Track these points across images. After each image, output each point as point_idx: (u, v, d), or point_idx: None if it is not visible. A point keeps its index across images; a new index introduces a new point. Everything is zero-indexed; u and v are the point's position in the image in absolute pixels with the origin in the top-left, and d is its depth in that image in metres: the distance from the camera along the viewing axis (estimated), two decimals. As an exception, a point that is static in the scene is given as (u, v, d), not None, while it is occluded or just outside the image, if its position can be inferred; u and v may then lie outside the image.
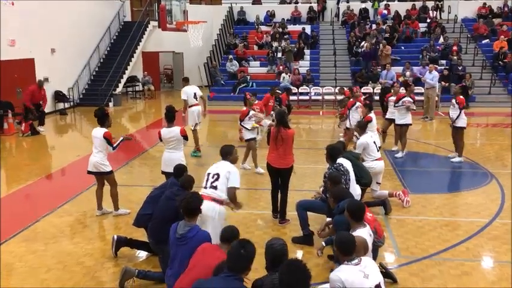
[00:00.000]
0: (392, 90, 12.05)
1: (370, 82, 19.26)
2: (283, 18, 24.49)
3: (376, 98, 17.24)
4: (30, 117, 14.32)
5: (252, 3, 26.26)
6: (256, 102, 11.04)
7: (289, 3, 26.15)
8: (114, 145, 7.22)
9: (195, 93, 11.39)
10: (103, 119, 7.25)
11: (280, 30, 23.35)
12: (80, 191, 8.65)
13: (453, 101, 10.62)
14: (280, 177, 6.99)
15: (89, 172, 7.41)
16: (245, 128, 9.79)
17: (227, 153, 5.69)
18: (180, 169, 5.87)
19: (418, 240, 6.45)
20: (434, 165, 10.77)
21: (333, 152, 6.42)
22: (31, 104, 14.48)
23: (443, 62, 20.31)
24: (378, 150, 7.92)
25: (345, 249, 3.96)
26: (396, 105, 11.10)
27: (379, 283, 3.88)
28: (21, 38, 15.88)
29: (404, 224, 7.07)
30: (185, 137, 7.30)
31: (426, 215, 7.40)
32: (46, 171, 10.53)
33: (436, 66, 19.50)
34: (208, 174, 5.54)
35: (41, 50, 17.09)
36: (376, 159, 7.82)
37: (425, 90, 16.30)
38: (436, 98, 16.83)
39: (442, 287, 5.24)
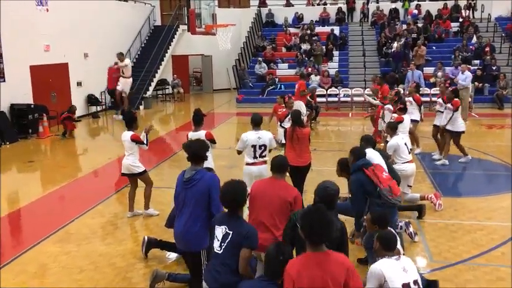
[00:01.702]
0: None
1: (399, 84, 18.89)
2: (312, 20, 24.40)
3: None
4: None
5: (285, 6, 26.24)
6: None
7: (318, 4, 26.04)
8: (145, 141, 7.35)
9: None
10: (131, 122, 7.41)
11: (309, 32, 23.26)
12: (112, 192, 8.82)
13: (448, 104, 10.34)
14: (298, 175, 7.05)
15: (123, 174, 7.57)
16: (285, 128, 9.56)
17: (260, 122, 6.81)
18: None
19: (452, 244, 6.30)
20: (468, 167, 10.52)
21: (358, 152, 5.81)
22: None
23: (477, 62, 19.82)
24: (409, 153, 7.77)
25: (387, 245, 4.09)
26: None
27: (417, 280, 3.91)
28: (55, 43, 16.30)
29: (437, 228, 6.92)
30: (212, 141, 7.18)
31: (459, 219, 7.22)
32: (79, 173, 10.77)
33: (469, 66, 19.06)
34: (254, 146, 6.62)
35: (74, 54, 17.51)
36: (407, 162, 7.65)
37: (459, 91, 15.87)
38: (470, 99, 16.44)
39: (476, 293, 5.12)
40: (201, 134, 7.21)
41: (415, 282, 3.88)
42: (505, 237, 6.46)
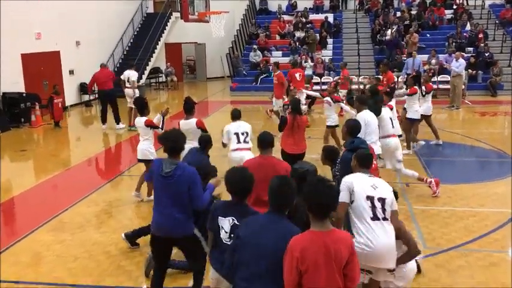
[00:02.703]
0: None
1: (395, 70, 18.88)
2: (306, 7, 24.26)
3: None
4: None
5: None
6: None
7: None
8: (160, 125, 7.35)
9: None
10: (142, 108, 7.47)
11: (303, 19, 23.14)
12: (106, 181, 8.79)
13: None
14: (294, 163, 6.98)
15: (139, 160, 7.62)
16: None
17: (239, 116, 7.46)
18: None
19: (445, 231, 6.34)
20: (461, 154, 10.57)
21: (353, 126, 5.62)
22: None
23: (470, 49, 19.82)
24: (393, 127, 7.69)
25: (363, 161, 4.27)
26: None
27: (385, 198, 3.97)
28: (47, 31, 16.12)
29: (430, 214, 6.96)
30: (203, 130, 7.14)
31: (452, 206, 7.27)
32: (72, 162, 10.73)
33: (463, 53, 19.08)
34: (237, 133, 7.12)
35: (66, 42, 17.33)
36: (390, 136, 7.59)
37: (452, 78, 15.91)
38: (463, 87, 16.47)
39: (469, 278, 5.16)
40: (191, 122, 7.19)
41: (380, 199, 3.96)
42: (497, 223, 6.51)
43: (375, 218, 3.93)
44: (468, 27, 21.10)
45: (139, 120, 7.44)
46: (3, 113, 14.14)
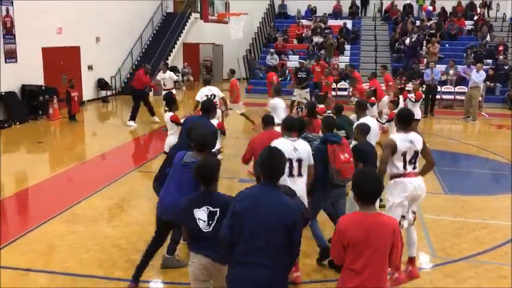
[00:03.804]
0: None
1: (413, 80, 18.72)
2: (325, 13, 24.28)
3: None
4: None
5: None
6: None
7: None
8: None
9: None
10: (170, 103, 7.76)
11: (321, 24, 23.15)
12: (120, 175, 8.88)
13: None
14: None
15: (165, 153, 7.78)
16: None
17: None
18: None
19: (455, 241, 6.31)
20: (475, 166, 10.48)
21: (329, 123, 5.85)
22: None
23: (489, 61, 19.65)
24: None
25: (287, 128, 5.12)
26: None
27: (302, 161, 4.95)
28: (68, 26, 16.36)
29: (442, 224, 6.93)
30: (222, 132, 7.38)
31: (465, 217, 7.23)
32: (88, 156, 10.87)
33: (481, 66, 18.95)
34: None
35: (86, 38, 17.56)
36: None
37: (469, 89, 15.75)
38: (480, 99, 16.35)
39: (477, 289, 5.14)
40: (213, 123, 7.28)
41: (298, 160, 4.94)
42: (508, 236, 6.45)
43: (290, 175, 4.90)
44: (488, 38, 20.92)
45: (166, 115, 7.80)
46: (22, 105, 14.37)
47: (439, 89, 17.71)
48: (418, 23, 22.30)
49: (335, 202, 5.74)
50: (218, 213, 3.72)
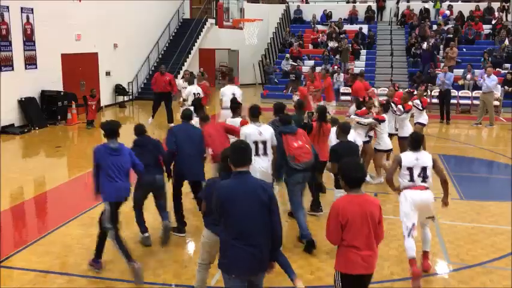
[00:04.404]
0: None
1: (430, 85, 18.58)
2: (340, 18, 24.25)
3: (435, 101, 16.81)
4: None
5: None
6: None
7: (347, 2, 25.85)
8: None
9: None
10: (198, 108, 7.87)
11: (337, 29, 23.14)
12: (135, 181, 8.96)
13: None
14: (318, 170, 7.14)
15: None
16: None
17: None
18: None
19: (470, 247, 6.26)
20: (492, 172, 10.37)
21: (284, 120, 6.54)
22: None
23: (508, 65, 19.41)
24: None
25: (253, 114, 6.31)
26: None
27: (266, 142, 6.14)
28: (86, 33, 16.65)
29: (457, 230, 6.88)
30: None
31: (481, 222, 7.16)
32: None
33: (499, 70, 18.76)
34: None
35: (104, 44, 17.85)
36: None
37: (482, 94, 15.43)
38: (497, 103, 16.13)
39: (492, 296, 5.09)
40: (236, 121, 7.59)
41: (263, 142, 6.10)
42: (525, 243, 6.38)
43: (257, 155, 6.02)
44: (506, 42, 20.65)
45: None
46: (42, 110, 14.65)
47: (456, 93, 17.56)
48: (434, 27, 22.12)
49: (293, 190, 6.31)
50: None
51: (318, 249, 6.07)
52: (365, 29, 23.32)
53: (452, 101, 17.24)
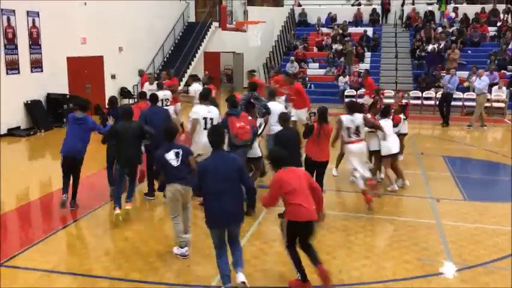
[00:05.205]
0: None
1: (437, 85, 18.34)
2: (345, 21, 24.28)
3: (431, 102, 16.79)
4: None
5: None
6: None
7: (352, 5, 25.87)
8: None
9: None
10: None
11: (341, 32, 23.17)
12: (141, 182, 9.03)
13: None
14: (317, 170, 7.26)
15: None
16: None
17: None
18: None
19: (473, 247, 6.25)
20: (496, 173, 10.35)
21: (231, 101, 7.63)
22: None
23: (513, 67, 19.37)
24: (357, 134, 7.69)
25: (203, 98, 7.75)
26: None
27: (213, 119, 7.48)
28: (91, 36, 16.78)
29: (459, 230, 6.88)
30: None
31: (483, 223, 7.15)
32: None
33: (505, 71, 18.74)
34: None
35: (109, 48, 17.97)
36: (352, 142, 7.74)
37: (476, 96, 15.27)
38: (489, 104, 16.14)
39: (494, 296, 5.09)
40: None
41: (210, 119, 7.42)
42: (528, 243, 6.37)
43: (205, 129, 7.21)
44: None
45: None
46: (47, 113, 14.76)
47: (461, 95, 17.52)
48: (439, 29, 22.10)
49: None
50: (181, 153, 5.90)
51: (319, 249, 6.08)
52: (370, 31, 23.34)
53: (458, 103, 17.24)
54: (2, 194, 8.33)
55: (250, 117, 7.52)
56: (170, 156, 5.86)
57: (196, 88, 12.12)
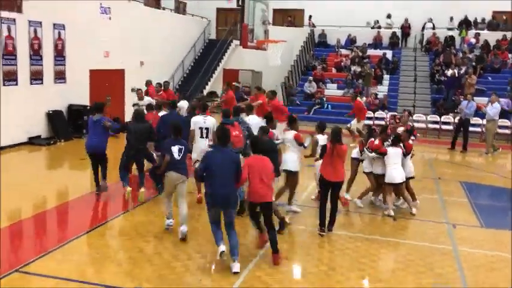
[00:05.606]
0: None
1: (456, 111, 18.19)
2: (365, 43, 24.37)
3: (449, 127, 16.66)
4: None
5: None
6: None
7: (372, 28, 25.96)
8: (305, 143, 8.05)
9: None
10: (292, 123, 8.18)
11: (360, 54, 23.25)
12: (157, 194, 9.10)
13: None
14: (332, 190, 7.32)
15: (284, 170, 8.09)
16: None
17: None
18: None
19: (489, 275, 6.17)
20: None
21: (224, 113, 8.38)
22: None
23: (534, 95, 19.16)
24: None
25: (201, 109, 8.88)
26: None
27: (209, 128, 8.31)
28: (114, 50, 17.10)
29: (476, 258, 6.79)
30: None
31: (501, 251, 7.04)
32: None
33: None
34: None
35: (131, 62, 18.26)
36: None
37: (486, 123, 15.28)
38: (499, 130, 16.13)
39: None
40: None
41: (206, 128, 8.29)
42: (547, 274, 6.25)
43: (201, 137, 8.30)
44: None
45: (289, 133, 8.11)
46: (68, 123, 15.01)
47: (479, 121, 17.38)
48: (460, 54, 22.03)
49: None
50: (183, 149, 7.07)
51: (325, 249, 6.05)
52: (389, 54, 23.38)
53: (476, 129, 17.10)
54: (19, 201, 8.49)
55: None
56: (175, 149, 7.01)
57: None
